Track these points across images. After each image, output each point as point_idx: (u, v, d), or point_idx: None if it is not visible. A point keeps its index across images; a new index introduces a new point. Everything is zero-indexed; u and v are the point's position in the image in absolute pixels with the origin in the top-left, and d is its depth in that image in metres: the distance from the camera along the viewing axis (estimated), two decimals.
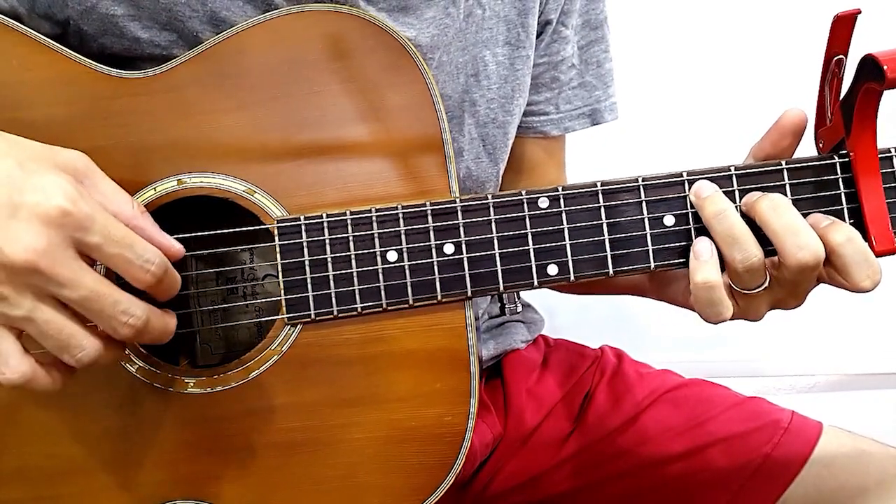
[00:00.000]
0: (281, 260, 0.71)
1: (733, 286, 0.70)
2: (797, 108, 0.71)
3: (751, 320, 0.72)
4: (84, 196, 0.60)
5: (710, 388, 0.98)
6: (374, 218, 0.71)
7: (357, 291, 0.71)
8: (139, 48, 0.76)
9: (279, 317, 0.72)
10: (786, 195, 0.69)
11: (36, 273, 0.57)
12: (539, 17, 0.91)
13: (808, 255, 0.66)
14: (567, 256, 0.70)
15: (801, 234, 0.66)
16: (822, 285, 0.70)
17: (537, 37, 0.92)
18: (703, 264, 0.68)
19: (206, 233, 0.72)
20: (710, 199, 0.69)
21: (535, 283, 0.71)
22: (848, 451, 0.88)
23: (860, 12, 0.65)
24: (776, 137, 0.72)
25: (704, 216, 0.69)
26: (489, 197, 0.71)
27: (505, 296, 1.00)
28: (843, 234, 0.67)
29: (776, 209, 0.67)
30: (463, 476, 0.94)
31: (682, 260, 0.70)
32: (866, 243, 0.67)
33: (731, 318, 0.72)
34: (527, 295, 1.07)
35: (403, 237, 0.71)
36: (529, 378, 1.00)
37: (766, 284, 0.69)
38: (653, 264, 0.70)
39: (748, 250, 0.67)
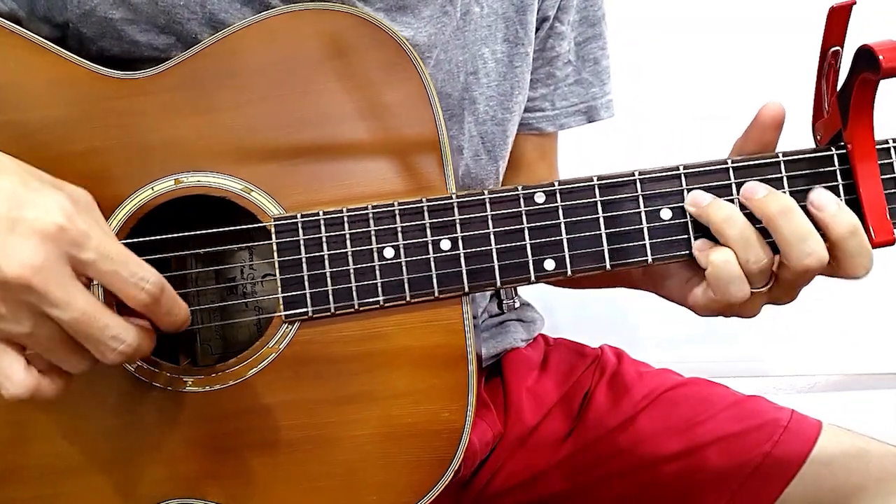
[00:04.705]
0: (278, 258, 0.71)
1: None
2: (775, 102, 0.71)
3: (746, 317, 0.72)
4: (81, 213, 0.60)
5: (709, 388, 0.98)
6: (370, 215, 0.71)
7: (354, 288, 0.71)
8: (138, 51, 0.77)
9: (276, 314, 0.72)
10: (783, 187, 0.69)
11: (29, 290, 0.57)
12: (537, 13, 0.91)
13: (814, 262, 0.66)
14: (564, 251, 0.70)
15: (809, 240, 0.66)
16: (819, 285, 0.70)
17: (535, 33, 0.92)
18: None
19: (202, 231, 0.72)
20: (713, 206, 0.68)
21: (533, 278, 0.71)
22: (847, 450, 0.88)
23: (855, 3, 0.65)
24: (757, 133, 0.71)
25: (713, 223, 0.68)
26: (485, 193, 0.71)
27: (502, 291, 0.99)
28: (846, 227, 0.66)
29: (786, 214, 0.67)
30: (463, 475, 0.94)
31: (679, 253, 0.70)
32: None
33: (726, 315, 0.72)
34: (526, 294, 1.07)
35: (400, 234, 0.71)
36: (529, 377, 1.00)
37: (771, 283, 0.69)
38: (650, 258, 0.70)
39: (761, 252, 0.67)
